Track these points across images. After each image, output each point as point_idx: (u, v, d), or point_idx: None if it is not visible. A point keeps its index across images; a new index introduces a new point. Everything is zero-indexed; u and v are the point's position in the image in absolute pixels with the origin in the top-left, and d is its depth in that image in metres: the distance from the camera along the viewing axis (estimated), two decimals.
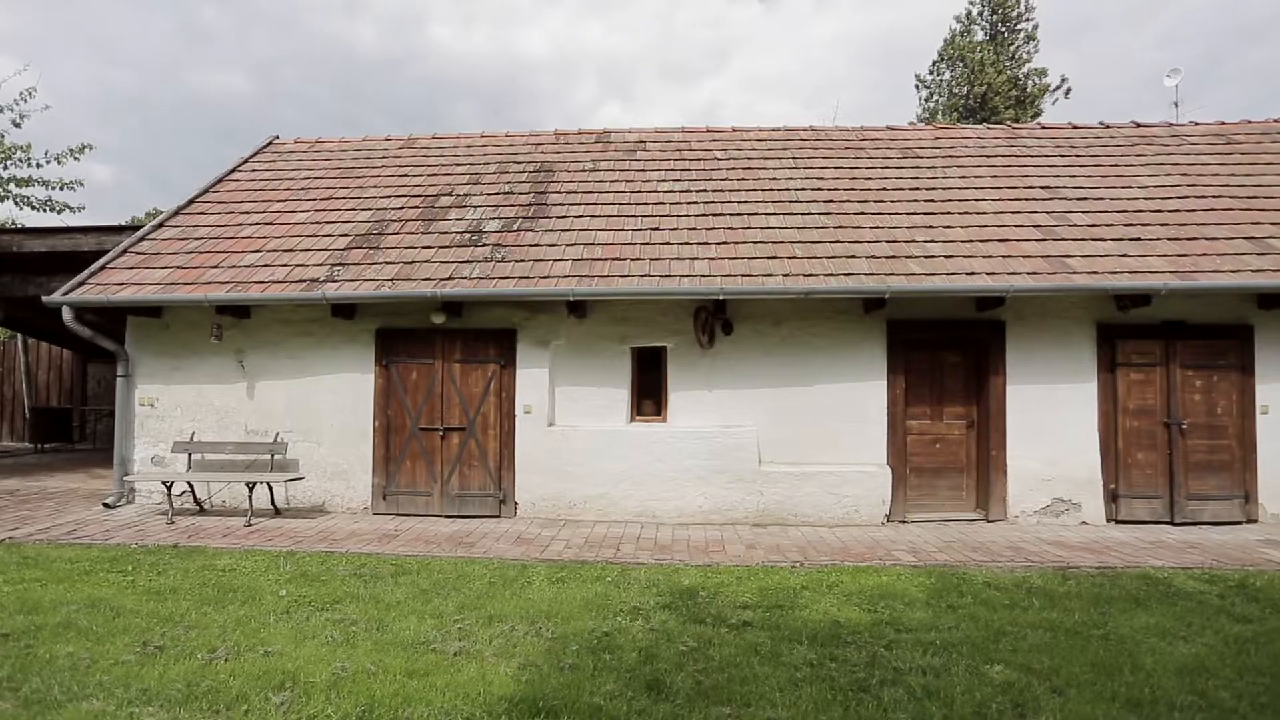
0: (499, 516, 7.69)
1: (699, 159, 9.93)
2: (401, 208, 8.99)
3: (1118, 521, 7.49)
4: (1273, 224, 7.96)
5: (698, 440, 7.50)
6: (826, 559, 6.00)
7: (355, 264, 7.81)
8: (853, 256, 7.53)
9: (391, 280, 7.48)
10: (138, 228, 9.33)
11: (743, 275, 7.23)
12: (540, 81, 69.96)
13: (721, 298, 7.11)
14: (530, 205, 8.88)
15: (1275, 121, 10.93)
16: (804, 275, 7.19)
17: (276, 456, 7.75)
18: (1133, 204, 8.43)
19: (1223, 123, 10.58)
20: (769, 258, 7.53)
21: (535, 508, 7.67)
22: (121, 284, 7.65)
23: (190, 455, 7.90)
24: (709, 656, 3.87)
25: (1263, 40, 45.97)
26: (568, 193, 9.15)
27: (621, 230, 8.22)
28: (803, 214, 8.42)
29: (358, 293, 7.34)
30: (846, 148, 10.14)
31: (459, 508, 7.76)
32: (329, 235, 8.43)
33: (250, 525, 7.11)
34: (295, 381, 8.00)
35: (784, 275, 7.20)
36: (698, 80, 61.91)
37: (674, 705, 3.31)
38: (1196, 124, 10.64)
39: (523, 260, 7.72)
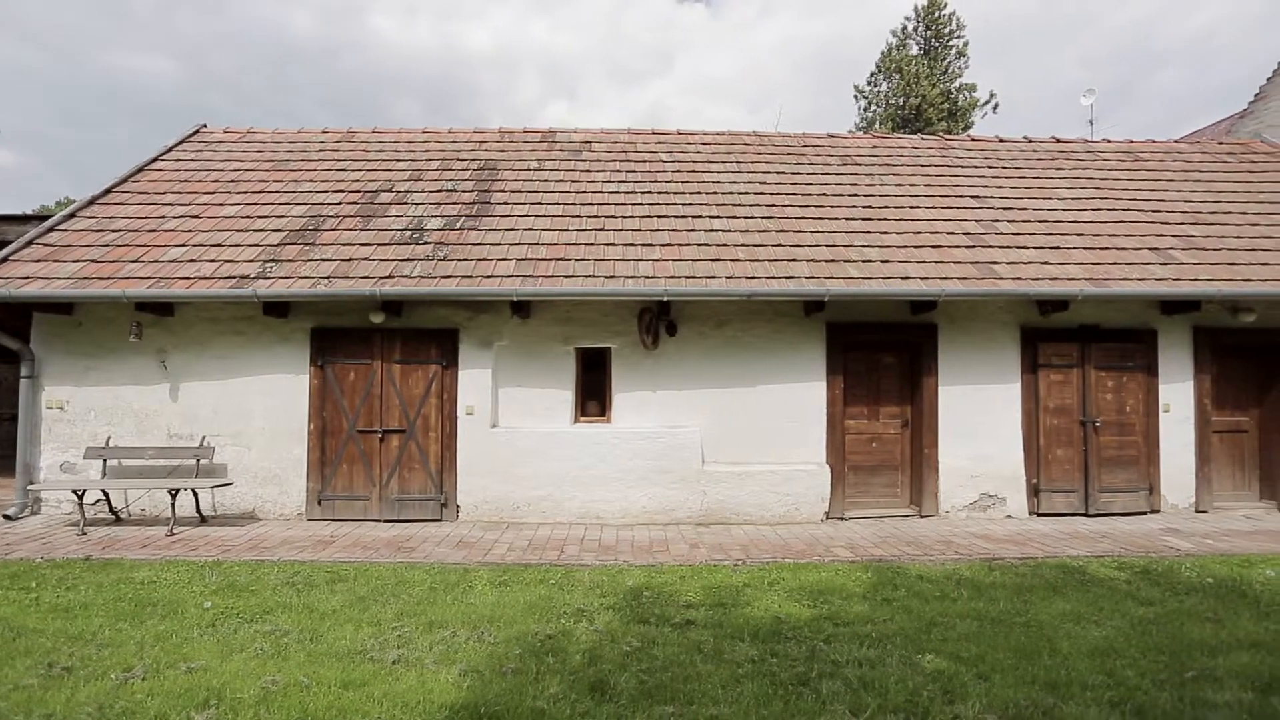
0: (440, 520, 7.54)
1: (644, 161, 9.98)
2: (339, 203, 8.70)
3: (1039, 514, 7.90)
4: (1174, 236, 8.56)
5: (642, 441, 7.53)
6: (768, 556, 6.12)
7: (289, 260, 7.51)
8: (794, 260, 7.70)
9: (328, 278, 7.23)
10: (45, 217, 8.73)
11: (687, 277, 7.31)
12: (484, 78, 68.93)
13: (666, 299, 7.16)
14: (474, 204, 8.74)
15: (1175, 142, 11.78)
16: (747, 277, 7.32)
17: (203, 461, 7.38)
18: (1052, 214, 8.92)
19: (1131, 141, 11.31)
20: (713, 260, 7.64)
21: (478, 510, 7.55)
22: (27, 278, 7.14)
23: (106, 461, 7.43)
24: (653, 656, 3.90)
25: (1167, 67, 49.45)
26: (512, 191, 9.05)
27: (566, 230, 8.18)
28: (746, 217, 8.57)
29: (292, 290, 7.07)
30: (789, 153, 10.37)
31: (399, 512, 7.57)
32: (261, 230, 8.09)
33: (173, 535, 6.75)
34: (224, 383, 7.64)
35: (727, 277, 7.31)
36: (644, 82, 62.24)
37: (618, 706, 3.31)
38: (1109, 141, 11.35)
39: (465, 259, 7.59)
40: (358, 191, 8.97)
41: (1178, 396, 8.17)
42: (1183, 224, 8.83)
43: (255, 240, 7.88)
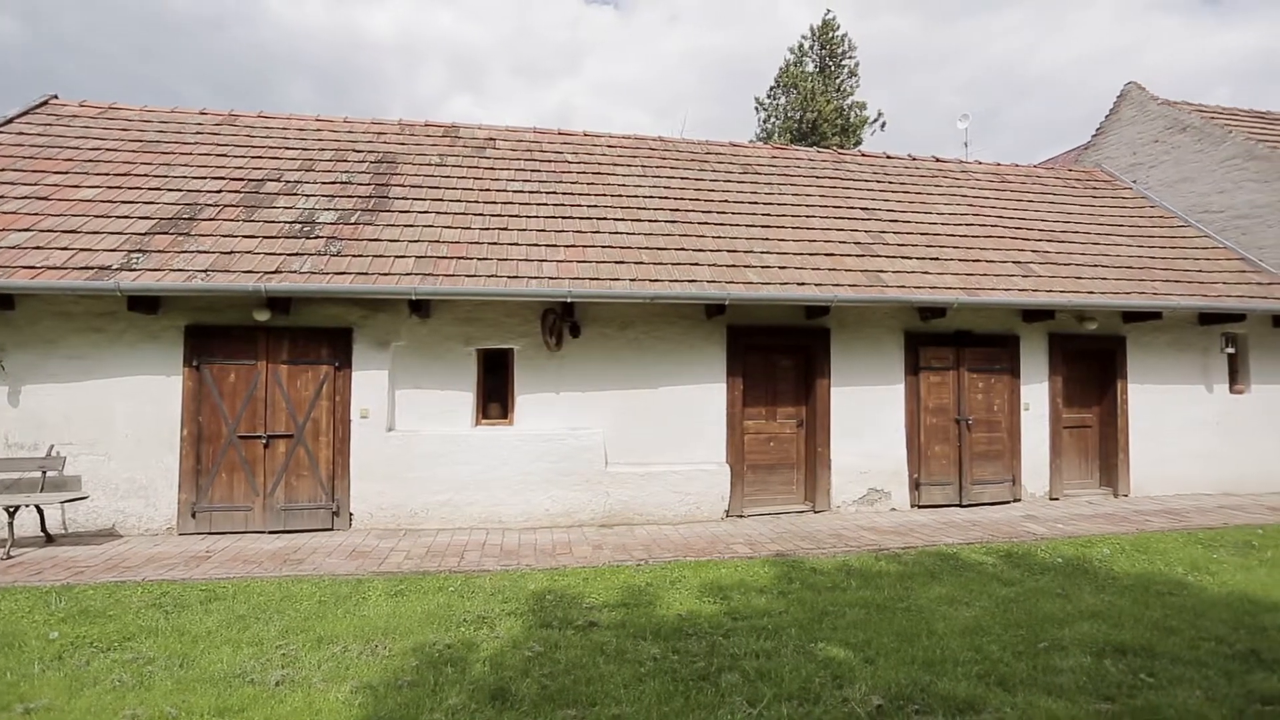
0: (332, 529, 7.14)
1: (550, 161, 9.90)
2: (219, 191, 8.07)
3: (920, 506, 8.49)
4: (1034, 251, 9.46)
5: (545, 443, 7.47)
6: (670, 555, 6.22)
7: (160, 251, 6.88)
8: (696, 264, 7.89)
9: (206, 271, 6.68)
10: None
11: (591, 279, 7.31)
12: (384, 65, 65.92)
13: (570, 300, 7.14)
14: (370, 197, 8.35)
15: (1035, 167, 13.03)
16: (650, 280, 7.42)
17: (50, 473, 6.62)
18: (932, 228, 9.63)
19: (999, 164, 12.40)
20: (617, 262, 7.69)
21: (373, 518, 7.22)
22: None
23: None
24: (555, 660, 3.87)
25: (1030, 98, 54.59)
26: (412, 186, 8.72)
27: (469, 229, 7.98)
28: (650, 221, 8.68)
29: (163, 284, 6.48)
30: (692, 160, 10.61)
31: (285, 522, 7.11)
32: (126, 217, 7.36)
33: (10, 558, 6.00)
34: (78, 385, 6.89)
35: (631, 280, 7.38)
36: (552, 80, 61.66)
37: (519, 713, 3.27)
38: (980, 163, 12.38)
39: (361, 255, 7.24)
40: (241, 180, 8.35)
41: (1036, 396, 9.02)
42: (1040, 241, 9.78)
43: (119, 228, 7.17)
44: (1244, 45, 59.52)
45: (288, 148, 9.27)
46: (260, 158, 8.92)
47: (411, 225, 7.89)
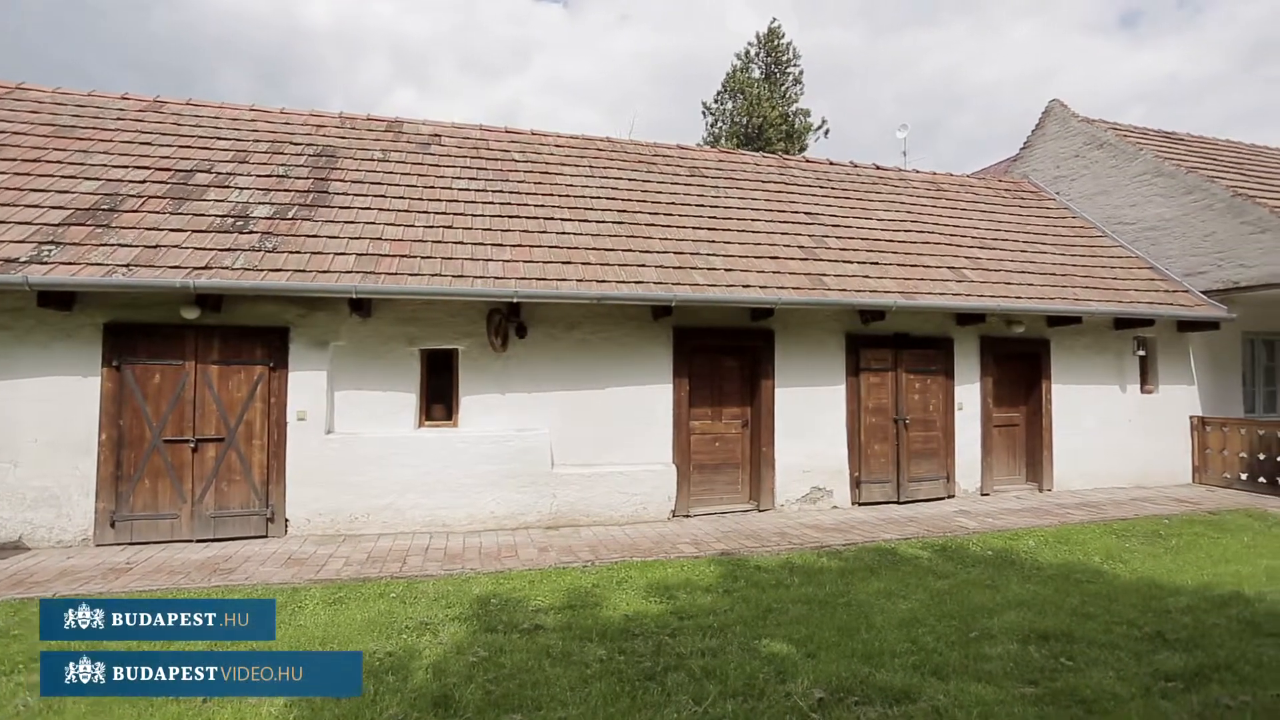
0: (266, 536, 6.86)
1: (496, 159, 9.77)
2: (143, 181, 7.64)
3: (861, 504, 8.75)
4: (967, 257, 9.89)
5: (490, 444, 7.36)
6: (617, 556, 6.23)
7: (75, 244, 6.47)
8: (643, 265, 7.92)
9: (128, 266, 6.32)
10: None
11: (538, 279, 7.25)
12: (323, 55, 63.73)
13: (516, 300, 7.06)
14: (309, 192, 8.06)
15: (968, 177, 13.61)
16: (597, 281, 7.41)
17: None
18: (873, 233, 9.94)
19: (935, 173, 12.91)
20: (564, 262, 7.65)
21: (310, 524, 6.97)
22: None
23: None
24: (500, 664, 3.82)
25: (965, 110, 56.98)
26: (353, 182, 8.47)
27: (412, 226, 7.80)
28: (598, 221, 8.68)
29: (79, 279, 6.09)
30: (640, 161, 10.65)
31: (215, 530, 6.79)
32: (36, 206, 6.89)
33: None
34: None
35: (578, 280, 7.35)
36: (500, 77, 60.80)
37: (462, 719, 3.22)
38: (918, 171, 12.86)
39: (299, 252, 6.98)
40: (167, 170, 7.94)
41: (969, 396, 9.43)
42: (973, 248, 10.22)
43: (28, 218, 6.70)
44: (1157, 68, 63.75)
45: (219, 138, 8.86)
46: (189, 147, 8.50)
47: (352, 222, 7.66)
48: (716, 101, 28.35)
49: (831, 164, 12.21)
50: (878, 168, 12.47)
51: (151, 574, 5.62)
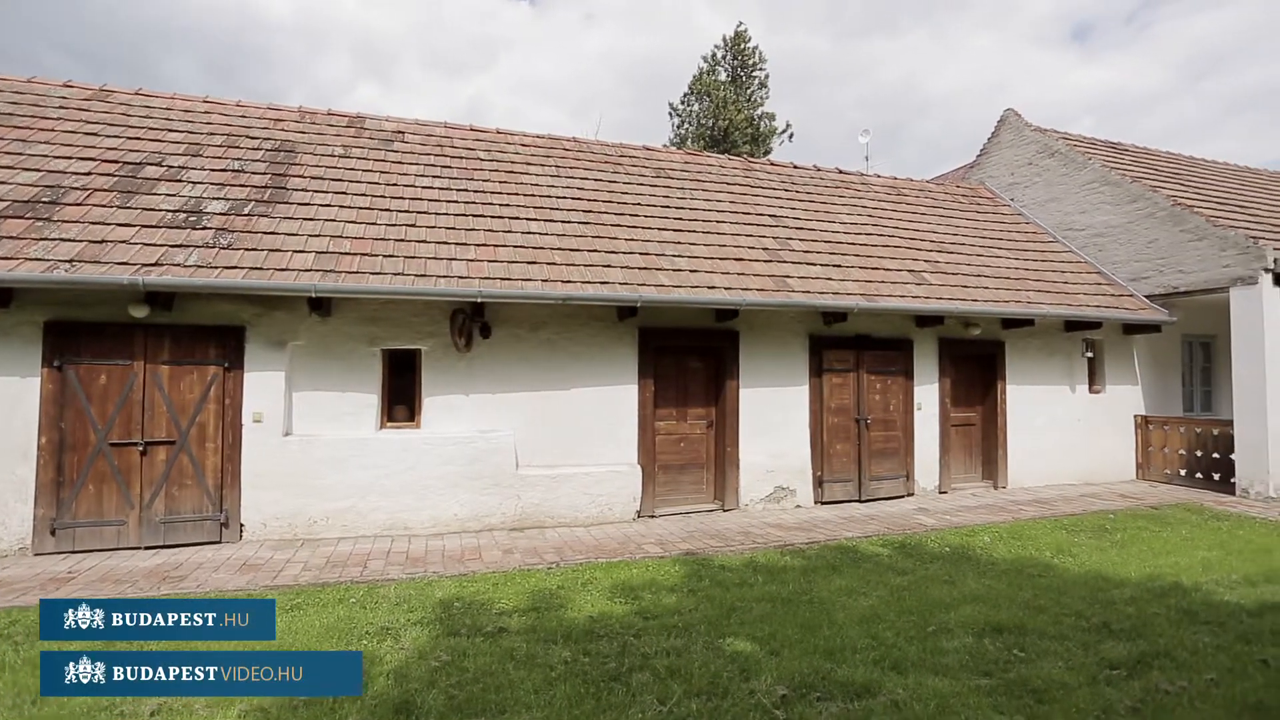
0: (220, 542, 6.66)
1: (461, 157, 9.66)
2: (88, 173, 7.34)
3: (823, 503, 8.88)
4: (926, 261, 10.13)
5: (454, 446, 7.27)
6: (582, 557, 6.21)
7: (13, 237, 6.19)
8: (609, 266, 7.92)
9: (71, 262, 6.06)
10: None
11: (502, 279, 7.19)
12: (282, 47, 62.04)
13: (480, 300, 6.99)
14: (266, 188, 7.85)
15: (928, 182, 13.94)
16: (563, 281, 7.38)
17: None
18: (835, 236, 10.11)
19: (895, 178, 13.19)
20: (529, 262, 7.60)
21: (267, 529, 6.79)
22: None
23: None
24: (463, 669, 3.78)
25: (928, 116, 58.37)
26: (313, 178, 8.27)
27: (374, 224, 7.66)
28: (563, 221, 8.64)
29: (15, 274, 5.82)
30: (606, 162, 10.64)
31: (165, 536, 6.56)
32: None
33: None
34: None
35: (543, 280, 7.32)
36: (465, 74, 60.05)
37: None
38: (879, 176, 13.12)
39: (255, 249, 6.79)
40: (114, 162, 7.65)
41: (928, 396, 9.65)
42: (931, 252, 10.47)
43: None
44: (1105, 81, 66.26)
45: (171, 130, 8.57)
46: (139, 139, 8.20)
47: (312, 219, 7.48)
48: (683, 103, 28.49)
49: (795, 167, 12.38)
50: (840, 172, 12.69)
51: (95, 584, 5.41)
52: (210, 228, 6.92)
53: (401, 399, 7.57)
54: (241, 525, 6.75)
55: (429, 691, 3.49)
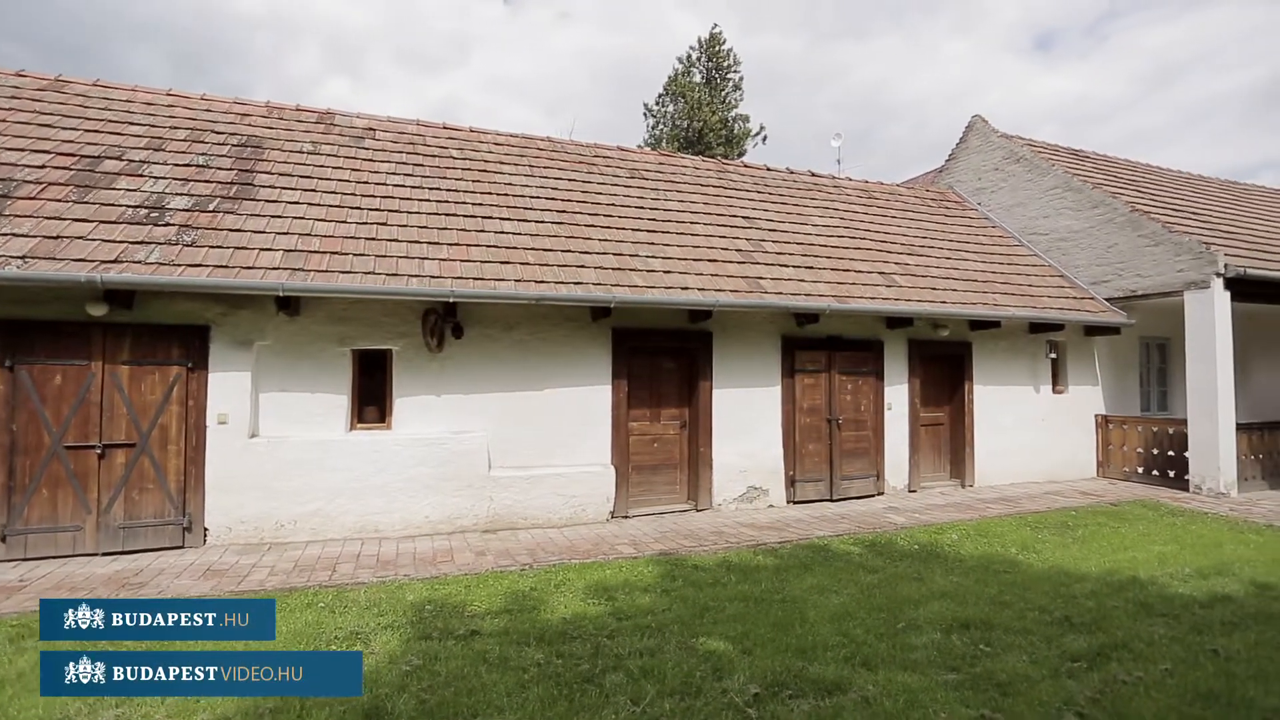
0: (183, 547, 6.49)
1: (433, 156, 9.56)
2: (42, 166, 7.10)
3: (795, 502, 8.97)
4: (896, 263, 10.29)
5: (425, 447, 7.19)
6: (555, 559, 6.19)
7: None
8: (583, 266, 7.90)
9: (23, 258, 5.86)
10: None
11: (475, 279, 7.13)
12: (250, 40, 60.64)
13: (453, 300, 6.92)
14: (232, 184, 7.68)
15: (898, 186, 14.17)
16: (536, 282, 7.34)
17: None
18: (807, 238, 10.22)
19: (867, 181, 13.38)
20: (502, 262, 7.55)
21: (232, 533, 6.63)
22: None
23: None
24: (435, 672, 3.74)
25: (898, 121, 59.33)
26: (281, 174, 8.11)
27: (344, 222, 7.53)
28: (536, 221, 8.60)
29: None
30: (580, 162, 10.61)
31: (125, 542, 6.37)
32: None
33: None
34: None
35: (516, 280, 7.27)
36: (439, 71, 59.31)
37: None
38: (851, 179, 13.30)
39: (221, 246, 6.64)
40: (71, 155, 7.40)
41: (897, 397, 9.81)
42: (901, 254, 10.65)
43: None
44: (1067, 89, 68.05)
45: (132, 123, 8.33)
46: (97, 132, 7.96)
47: (280, 216, 7.34)
48: (658, 104, 28.56)
49: (769, 170, 12.48)
50: (813, 175, 12.83)
51: (49, 592, 5.23)
52: (173, 224, 6.75)
53: (372, 400, 7.46)
54: (205, 530, 6.59)
55: (399, 696, 3.45)
